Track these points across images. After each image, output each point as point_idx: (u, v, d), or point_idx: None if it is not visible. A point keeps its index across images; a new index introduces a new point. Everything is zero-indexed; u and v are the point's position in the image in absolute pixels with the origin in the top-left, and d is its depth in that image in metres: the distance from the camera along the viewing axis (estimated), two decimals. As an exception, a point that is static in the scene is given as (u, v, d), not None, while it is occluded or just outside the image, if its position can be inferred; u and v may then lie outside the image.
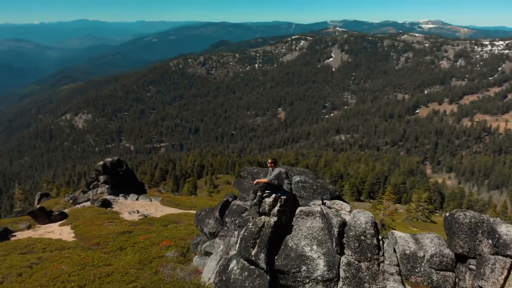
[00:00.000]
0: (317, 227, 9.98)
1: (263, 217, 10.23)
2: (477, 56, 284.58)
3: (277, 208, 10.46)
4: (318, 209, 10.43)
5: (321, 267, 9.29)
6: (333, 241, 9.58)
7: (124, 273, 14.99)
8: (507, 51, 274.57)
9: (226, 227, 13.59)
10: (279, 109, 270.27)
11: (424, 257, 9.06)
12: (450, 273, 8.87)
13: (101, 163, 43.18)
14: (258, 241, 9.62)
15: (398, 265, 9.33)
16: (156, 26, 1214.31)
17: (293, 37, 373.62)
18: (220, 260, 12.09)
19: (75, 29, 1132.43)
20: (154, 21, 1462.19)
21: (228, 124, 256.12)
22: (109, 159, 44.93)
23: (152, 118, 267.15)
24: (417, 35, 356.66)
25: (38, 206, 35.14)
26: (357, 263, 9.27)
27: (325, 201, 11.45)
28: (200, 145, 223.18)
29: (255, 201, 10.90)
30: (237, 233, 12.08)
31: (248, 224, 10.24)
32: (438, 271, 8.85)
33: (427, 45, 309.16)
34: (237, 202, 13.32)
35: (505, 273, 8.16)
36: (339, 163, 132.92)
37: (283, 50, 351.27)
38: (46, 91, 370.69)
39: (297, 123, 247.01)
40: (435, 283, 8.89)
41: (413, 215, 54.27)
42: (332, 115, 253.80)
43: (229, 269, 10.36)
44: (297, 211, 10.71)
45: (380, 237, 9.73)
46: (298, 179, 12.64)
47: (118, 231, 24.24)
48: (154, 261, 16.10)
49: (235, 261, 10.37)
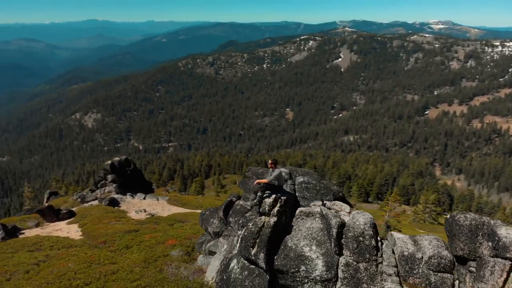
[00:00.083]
0: (316, 227, 10.02)
1: (263, 217, 10.31)
2: (488, 57, 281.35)
3: (277, 208, 10.53)
4: (318, 210, 10.48)
5: (319, 267, 9.33)
6: (332, 241, 9.62)
7: (129, 271, 15.16)
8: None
9: (230, 227, 13.66)
10: (287, 109, 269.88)
11: (422, 258, 9.07)
12: (448, 275, 8.86)
13: (109, 162, 43.50)
14: (258, 241, 9.70)
15: (396, 266, 9.33)
16: (165, 26, 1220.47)
17: (302, 37, 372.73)
18: (223, 259, 12.18)
19: (85, 29, 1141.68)
20: (163, 21, 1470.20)
21: (236, 124, 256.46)
22: (117, 159, 45.24)
23: (160, 118, 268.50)
24: (427, 35, 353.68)
25: (46, 204, 35.55)
26: (355, 263, 9.30)
27: (325, 202, 11.46)
28: (208, 145, 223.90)
29: (255, 201, 10.98)
30: (240, 233, 12.11)
31: (248, 224, 10.31)
32: (436, 273, 8.85)
33: (437, 45, 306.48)
34: (241, 202, 13.39)
35: (504, 275, 8.14)
36: (347, 164, 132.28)
37: (292, 50, 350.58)
38: (56, 90, 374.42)
39: (305, 124, 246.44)
40: (433, 284, 8.89)
41: (420, 217, 53.82)
42: (340, 115, 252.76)
43: (230, 268, 10.46)
44: (297, 211, 10.77)
45: (379, 238, 9.74)
46: (301, 180, 12.66)
47: (124, 230, 24.41)
48: (159, 260, 16.26)
49: (235, 260, 10.46)
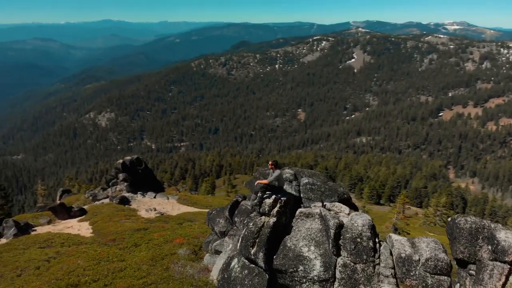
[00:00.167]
0: (315, 228, 10.12)
1: (263, 217, 10.45)
2: (503, 58, 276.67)
3: (276, 209, 10.66)
4: (317, 211, 10.57)
5: (317, 267, 9.43)
6: (330, 242, 9.70)
7: (136, 268, 15.38)
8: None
9: (235, 227, 13.77)
10: (299, 110, 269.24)
11: (419, 260, 9.10)
12: (445, 277, 8.88)
13: (121, 161, 43.94)
14: (257, 240, 9.85)
15: (393, 268, 9.38)
16: (178, 26, 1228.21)
17: (315, 38, 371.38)
18: (226, 258, 12.27)
19: (100, 29, 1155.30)
20: (176, 22, 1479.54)
21: (247, 124, 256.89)
22: (128, 158, 45.67)
23: (173, 117, 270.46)
24: (442, 36, 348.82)
25: (58, 202, 36.12)
26: (352, 264, 9.38)
27: (325, 203, 11.49)
28: (219, 145, 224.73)
29: (256, 201, 11.10)
30: (244, 232, 12.21)
31: (249, 223, 10.42)
32: (433, 275, 8.89)
33: (452, 46, 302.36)
34: (246, 202, 13.46)
35: (503, 279, 8.18)
36: (360, 165, 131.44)
37: (304, 50, 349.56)
38: (70, 89, 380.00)
39: (317, 124, 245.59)
40: (429, 287, 8.91)
41: (431, 220, 53.15)
42: (353, 116, 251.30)
43: (231, 267, 10.62)
44: (297, 212, 10.91)
45: (377, 240, 9.80)
46: (306, 181, 12.70)
47: (134, 228, 24.66)
48: (166, 258, 16.43)
49: (236, 260, 10.61)
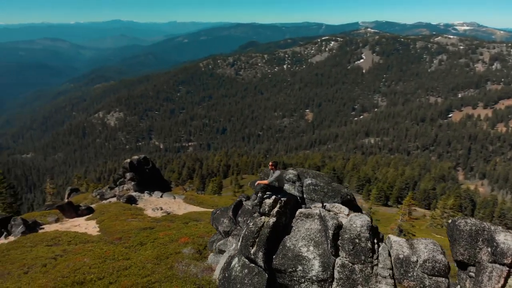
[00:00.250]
0: (315, 229, 10.17)
1: (263, 217, 10.54)
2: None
3: (276, 209, 10.73)
4: (317, 211, 10.60)
5: (316, 267, 9.50)
6: (328, 243, 9.77)
7: (141, 267, 15.52)
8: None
9: (239, 227, 13.85)
10: (307, 110, 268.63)
11: (417, 262, 9.13)
12: (443, 279, 8.88)
13: (128, 160, 44.23)
14: (257, 240, 9.97)
15: (391, 269, 9.41)
16: (187, 27, 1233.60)
17: (323, 38, 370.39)
18: (227, 257, 12.34)
19: (109, 29, 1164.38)
20: (185, 22, 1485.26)
21: (255, 124, 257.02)
22: (136, 157, 45.96)
23: (181, 117, 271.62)
24: (452, 37, 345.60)
25: (66, 200, 36.49)
26: (351, 265, 9.43)
27: (325, 204, 11.52)
28: (227, 145, 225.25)
29: (256, 201, 11.16)
30: (247, 232, 12.27)
31: (249, 223, 10.48)
32: (430, 276, 8.92)
33: (461, 47, 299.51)
34: (247, 202, 13.52)
35: (502, 281, 8.18)
36: (368, 166, 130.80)
37: (313, 51, 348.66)
38: (80, 89, 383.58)
39: (325, 125, 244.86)
40: (427, 288, 8.94)
41: (438, 222, 52.66)
42: (361, 117, 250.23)
43: (231, 266, 10.71)
44: (297, 213, 10.99)
45: (375, 241, 9.85)
46: (309, 182, 12.73)
47: (140, 227, 24.82)
48: (170, 257, 16.57)
49: (237, 259, 10.71)
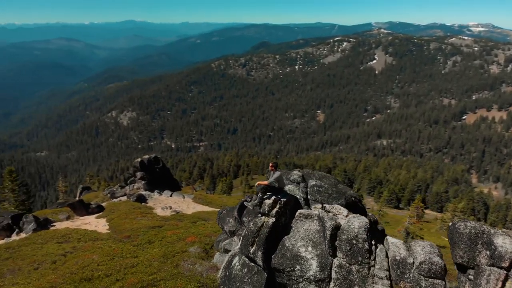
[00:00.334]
0: (313, 229, 10.30)
1: (263, 217, 10.69)
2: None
3: (276, 209, 10.89)
4: (316, 212, 10.71)
5: (313, 267, 9.63)
6: (326, 243, 9.88)
7: (148, 265, 15.71)
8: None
9: (244, 226, 13.92)
10: (318, 111, 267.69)
11: (413, 263, 9.21)
12: (439, 281, 8.93)
13: (139, 160, 44.73)
14: (256, 239, 10.16)
15: (388, 270, 9.49)
16: (199, 27, 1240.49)
17: (336, 39, 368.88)
18: (228, 256, 12.45)
19: (123, 29, 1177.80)
20: (198, 23, 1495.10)
21: (266, 125, 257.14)
22: (146, 156, 46.46)
23: (193, 117, 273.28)
24: (466, 38, 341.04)
25: (77, 198, 37.03)
26: (348, 265, 9.53)
27: (325, 205, 11.58)
28: (237, 145, 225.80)
29: (256, 202, 11.30)
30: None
31: (249, 223, 10.57)
32: (427, 278, 9.00)
33: (476, 49, 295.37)
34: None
35: (499, 285, 8.22)
36: (379, 168, 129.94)
37: (325, 51, 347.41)
38: (93, 89, 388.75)
39: (336, 126, 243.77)
40: (423, 289, 8.97)
41: (448, 225, 51.66)
42: (373, 118, 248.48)
43: (232, 265, 10.86)
44: (297, 213, 11.17)
45: (373, 242, 9.93)
46: (313, 183, 12.80)
47: (149, 226, 25.07)
48: (177, 256, 16.73)
49: (237, 258, 10.88)
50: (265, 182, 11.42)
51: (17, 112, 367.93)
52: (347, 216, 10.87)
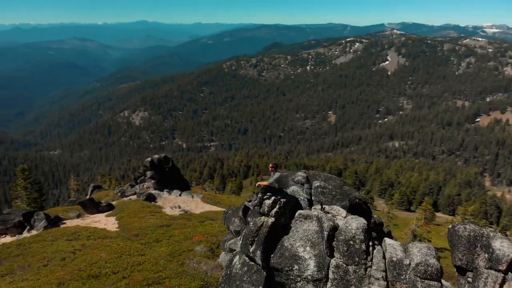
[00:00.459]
0: (312, 230, 10.42)
1: (263, 217, 10.85)
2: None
3: (275, 209, 11.05)
4: (316, 213, 10.79)
5: (311, 267, 9.74)
6: (324, 243, 9.98)
7: (154, 263, 15.94)
8: None
9: (248, 226, 14.02)
10: (330, 112, 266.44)
11: (410, 265, 9.27)
12: (435, 282, 8.95)
13: (149, 159, 45.17)
14: (256, 239, 10.31)
15: (385, 271, 9.55)
16: (211, 28, 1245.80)
17: (348, 39, 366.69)
18: (230, 256, 12.56)
19: (136, 30, 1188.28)
20: (209, 23, 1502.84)
21: (276, 126, 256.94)
22: (156, 156, 46.90)
23: (204, 118, 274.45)
24: (480, 39, 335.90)
25: (87, 197, 37.53)
26: (345, 266, 9.63)
27: (324, 206, 11.63)
28: (248, 146, 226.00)
29: (256, 202, 11.41)
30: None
31: (249, 223, 10.68)
32: (423, 280, 9.06)
33: (490, 50, 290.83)
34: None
35: (497, 287, 7.96)
36: (391, 170, 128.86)
37: (337, 52, 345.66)
38: (106, 88, 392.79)
39: (348, 127, 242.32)
40: (419, 291, 9.02)
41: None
42: (386, 120, 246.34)
43: (233, 264, 11.03)
44: (296, 214, 11.33)
45: (370, 243, 10.01)
46: (317, 184, 12.88)
47: (157, 224, 25.36)
48: (183, 254, 16.91)
49: (238, 257, 11.05)
50: (265, 182, 11.55)
51: (31, 111, 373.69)
52: (345, 217, 10.90)
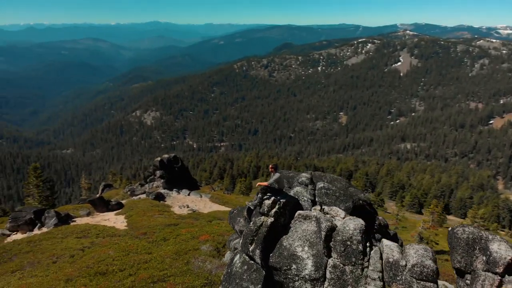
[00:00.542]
0: (311, 230, 10.58)
1: (262, 217, 11.03)
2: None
3: (274, 210, 11.20)
4: (315, 213, 10.90)
5: (309, 267, 9.89)
6: (321, 243, 10.11)
7: (160, 261, 16.17)
8: None
9: (252, 226, 14.14)
10: (341, 113, 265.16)
11: (406, 266, 9.32)
12: (431, 284, 9.03)
13: (159, 159, 45.57)
14: (255, 238, 10.52)
15: (381, 272, 9.63)
16: (223, 28, 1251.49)
17: (360, 40, 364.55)
18: (232, 255, 12.69)
19: (148, 30, 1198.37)
20: (221, 24, 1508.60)
21: (287, 126, 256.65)
22: (166, 156, 47.28)
23: (214, 118, 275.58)
24: (494, 40, 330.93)
25: (97, 195, 38.01)
26: (342, 266, 9.74)
27: (323, 207, 11.70)
28: (258, 146, 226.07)
29: (256, 202, 11.55)
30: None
31: (249, 223, 10.80)
32: (419, 281, 9.14)
33: (504, 51, 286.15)
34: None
35: None
36: (402, 172, 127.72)
37: (348, 53, 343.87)
38: (118, 88, 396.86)
39: (359, 129, 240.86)
40: (415, 292, 9.08)
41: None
42: (398, 121, 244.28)
43: (233, 262, 11.23)
44: (296, 214, 11.53)
45: (367, 244, 10.10)
46: (321, 185, 12.97)
47: (165, 223, 25.62)
48: (189, 253, 17.12)
49: (238, 256, 11.24)
50: (265, 183, 11.70)
51: (44, 110, 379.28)
52: (344, 218, 10.96)
